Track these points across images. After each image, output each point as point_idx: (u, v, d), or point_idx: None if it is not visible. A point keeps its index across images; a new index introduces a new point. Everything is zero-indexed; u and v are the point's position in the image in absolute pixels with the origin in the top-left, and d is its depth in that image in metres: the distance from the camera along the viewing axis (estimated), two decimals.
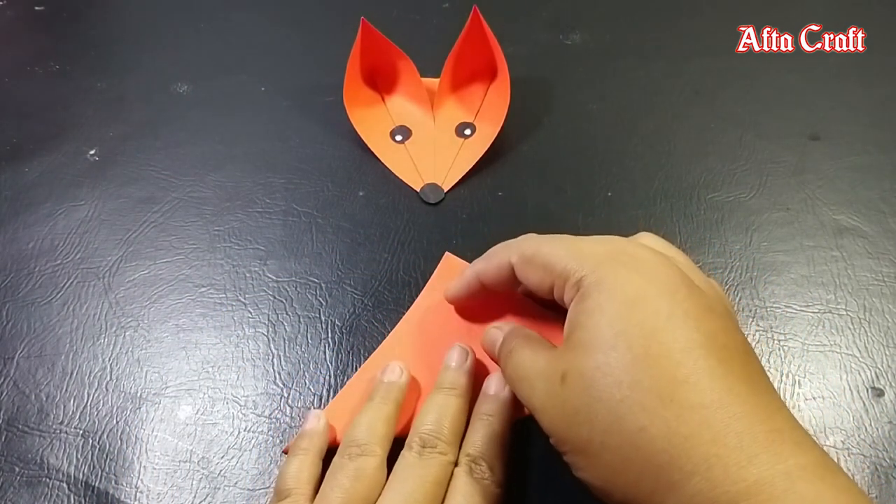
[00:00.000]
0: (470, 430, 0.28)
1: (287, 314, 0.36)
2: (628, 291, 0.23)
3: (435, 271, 0.36)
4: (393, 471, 0.27)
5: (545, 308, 0.32)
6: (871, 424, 0.31)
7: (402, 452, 0.27)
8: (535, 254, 0.27)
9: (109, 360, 0.34)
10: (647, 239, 0.28)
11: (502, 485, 0.27)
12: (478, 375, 0.31)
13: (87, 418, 0.32)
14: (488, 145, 0.41)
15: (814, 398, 0.32)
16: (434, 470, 0.26)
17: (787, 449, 0.20)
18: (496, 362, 0.29)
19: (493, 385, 0.30)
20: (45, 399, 0.33)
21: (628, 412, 0.21)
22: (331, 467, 0.27)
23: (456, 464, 0.27)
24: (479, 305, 0.34)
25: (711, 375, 0.21)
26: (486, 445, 0.27)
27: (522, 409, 0.30)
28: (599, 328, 0.23)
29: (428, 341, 0.33)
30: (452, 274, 0.35)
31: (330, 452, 0.29)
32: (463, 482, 0.26)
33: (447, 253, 0.36)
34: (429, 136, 0.43)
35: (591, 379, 0.22)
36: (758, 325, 0.34)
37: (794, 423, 0.22)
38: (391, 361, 0.31)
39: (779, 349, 0.34)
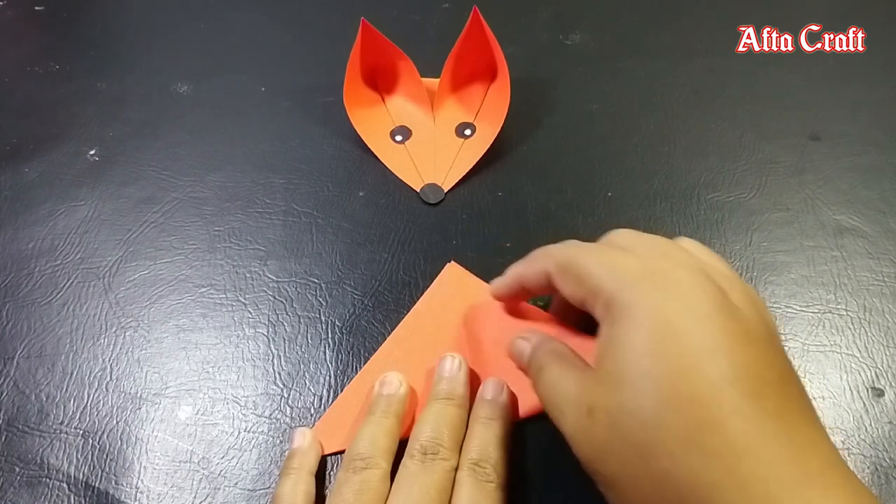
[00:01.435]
0: (469, 435, 0.28)
1: (287, 314, 0.36)
2: (658, 320, 0.22)
3: (437, 278, 0.36)
4: (395, 480, 0.27)
5: (568, 319, 0.31)
6: (871, 424, 0.31)
7: (404, 461, 0.27)
8: (570, 265, 0.26)
9: (109, 360, 0.34)
10: (686, 243, 0.27)
11: (506, 486, 0.27)
12: (473, 382, 0.31)
13: (88, 418, 0.32)
14: (488, 145, 0.41)
15: (814, 398, 0.32)
16: (437, 476, 0.26)
17: (816, 494, 0.19)
18: (524, 373, 0.28)
19: (490, 390, 0.30)
20: (45, 399, 0.33)
21: (653, 455, 0.21)
22: (335, 482, 0.27)
23: (458, 469, 0.27)
24: (481, 312, 0.34)
25: (741, 416, 0.20)
26: (488, 447, 0.27)
27: (519, 411, 0.30)
28: (626, 363, 0.22)
29: (427, 348, 0.33)
30: (456, 282, 0.35)
31: (324, 463, 0.29)
32: (467, 485, 0.26)
33: (452, 262, 0.36)
34: (429, 136, 0.43)
35: (617, 418, 0.22)
36: None
37: (830, 461, 0.20)
38: (389, 373, 0.31)
39: None
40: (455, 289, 0.35)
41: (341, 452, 0.30)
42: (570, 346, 0.27)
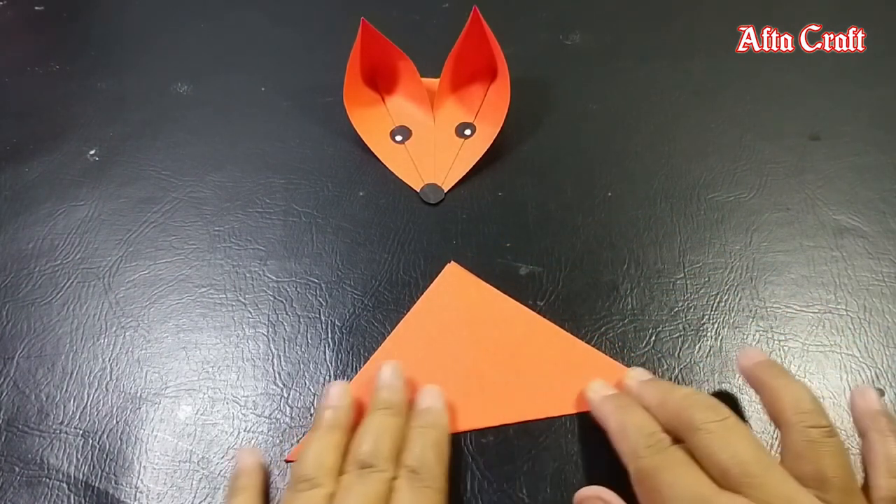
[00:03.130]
0: (406, 444, 0.28)
1: (287, 314, 0.36)
2: None
3: (437, 278, 0.36)
4: (335, 495, 0.27)
5: None
6: None
7: (342, 477, 0.27)
8: (649, 481, 0.25)
9: (109, 360, 0.34)
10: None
11: (443, 490, 0.27)
12: (472, 381, 0.31)
13: (87, 418, 0.32)
14: (488, 145, 0.41)
15: None
16: (374, 487, 0.26)
17: None
18: None
19: (427, 398, 0.30)
20: (45, 399, 0.33)
21: None
22: (282, 502, 0.27)
23: (396, 478, 0.27)
24: (483, 313, 0.34)
25: None
26: (424, 454, 0.28)
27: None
28: None
29: (426, 348, 0.33)
30: (455, 282, 0.35)
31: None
32: (404, 493, 0.26)
33: (452, 262, 0.36)
34: (429, 136, 0.43)
35: None
36: (758, 326, 0.34)
37: None
38: (331, 384, 0.31)
39: (779, 349, 0.34)
40: (455, 289, 0.35)
41: None
42: None
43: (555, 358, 0.33)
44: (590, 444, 0.31)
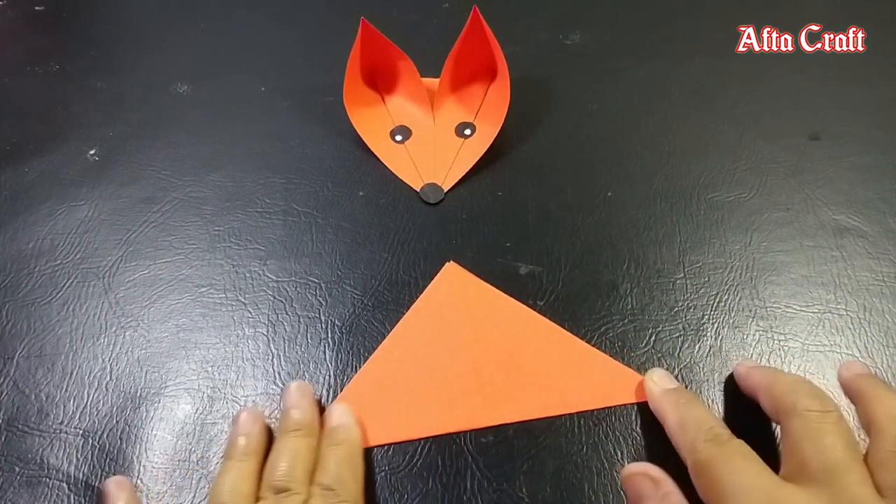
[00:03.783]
0: (319, 463, 0.28)
1: (287, 314, 0.36)
2: None
3: (436, 278, 0.36)
4: None
5: None
6: None
7: (259, 502, 0.27)
8: (706, 474, 0.25)
9: (109, 359, 0.34)
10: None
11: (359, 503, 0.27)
12: (472, 377, 0.31)
13: (87, 418, 0.32)
14: (488, 145, 0.41)
15: None
16: None
17: None
18: None
19: (335, 416, 0.30)
20: (44, 399, 0.33)
21: None
22: None
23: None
24: (482, 312, 0.34)
25: None
26: (337, 470, 0.28)
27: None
28: None
29: (425, 347, 0.33)
30: (455, 282, 0.35)
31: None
32: None
33: (451, 262, 0.36)
34: (429, 136, 0.43)
35: None
36: (758, 326, 0.34)
37: None
38: (240, 412, 0.31)
39: (779, 349, 0.34)
40: (454, 288, 0.35)
41: None
42: None
43: (555, 357, 0.33)
44: (591, 443, 0.31)
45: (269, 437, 0.31)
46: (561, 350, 0.33)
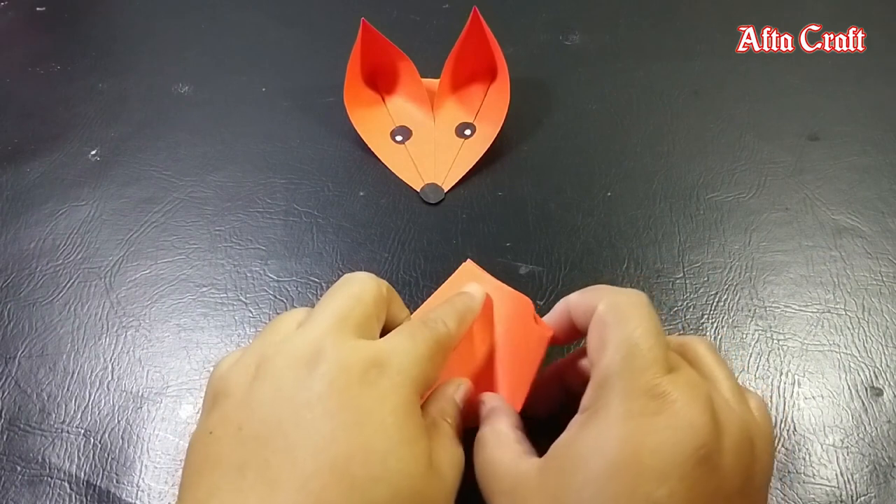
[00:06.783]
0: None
1: None
2: (626, 451, 0.21)
3: (452, 275, 0.36)
4: None
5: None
6: (869, 423, 0.31)
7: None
8: (612, 320, 0.23)
9: (111, 359, 0.34)
10: (701, 347, 0.25)
11: (450, 337, 0.26)
12: (474, 380, 0.31)
13: (89, 417, 0.32)
14: (488, 145, 0.41)
15: (813, 397, 0.32)
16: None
17: None
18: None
19: (469, 287, 0.30)
20: (46, 398, 0.33)
21: None
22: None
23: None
24: (498, 311, 0.33)
25: None
26: (442, 310, 0.27)
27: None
28: (573, 484, 0.21)
29: None
30: (469, 281, 0.35)
31: None
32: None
33: (468, 260, 0.36)
34: (429, 136, 0.44)
35: None
36: (757, 325, 0.34)
37: None
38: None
39: (778, 349, 0.34)
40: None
41: None
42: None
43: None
44: None
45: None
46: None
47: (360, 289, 0.26)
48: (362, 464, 0.21)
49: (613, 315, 0.24)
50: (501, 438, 0.26)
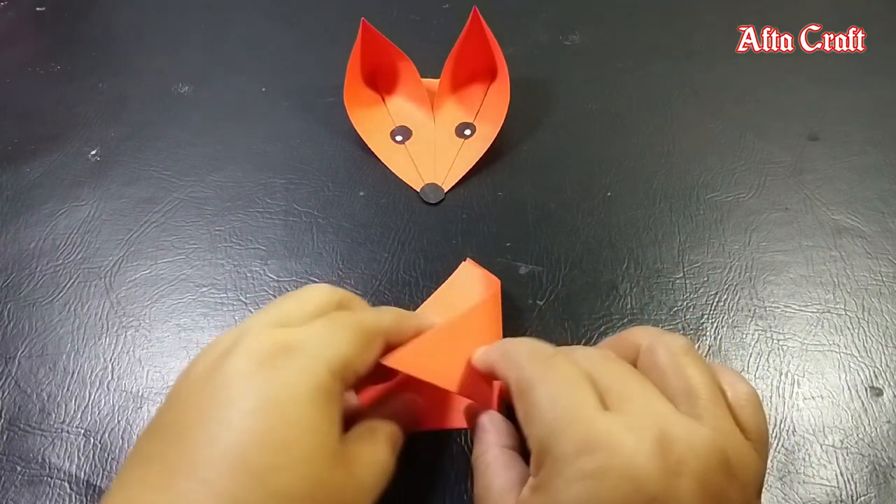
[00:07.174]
0: None
1: None
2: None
3: (452, 275, 0.36)
4: None
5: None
6: (869, 424, 0.31)
7: None
8: (525, 393, 0.23)
9: (111, 359, 0.34)
10: (661, 354, 0.24)
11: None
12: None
13: (89, 417, 0.32)
14: (488, 145, 0.41)
15: (812, 397, 0.32)
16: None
17: None
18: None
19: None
20: (46, 398, 0.33)
21: None
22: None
23: None
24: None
25: None
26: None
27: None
28: None
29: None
30: (470, 280, 0.35)
31: None
32: None
33: (468, 260, 0.36)
34: (429, 136, 0.44)
35: None
36: (757, 325, 0.34)
37: None
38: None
39: (778, 349, 0.34)
40: (469, 286, 0.35)
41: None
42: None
43: None
44: None
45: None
46: None
47: (306, 292, 0.26)
48: (262, 451, 0.20)
49: (527, 384, 0.23)
50: (491, 468, 0.25)
